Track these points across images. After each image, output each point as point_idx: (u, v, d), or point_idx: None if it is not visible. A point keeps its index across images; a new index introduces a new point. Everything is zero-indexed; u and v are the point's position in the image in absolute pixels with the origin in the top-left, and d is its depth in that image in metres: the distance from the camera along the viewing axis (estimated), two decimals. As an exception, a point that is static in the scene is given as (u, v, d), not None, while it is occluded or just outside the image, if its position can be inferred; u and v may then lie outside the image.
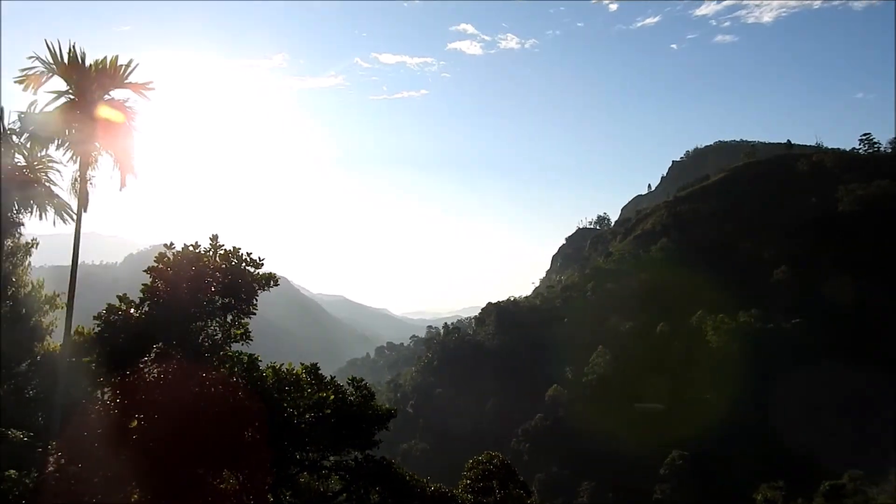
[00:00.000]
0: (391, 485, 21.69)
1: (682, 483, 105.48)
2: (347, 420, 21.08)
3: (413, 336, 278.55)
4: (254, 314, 20.72)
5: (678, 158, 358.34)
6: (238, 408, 18.50)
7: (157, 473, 17.14)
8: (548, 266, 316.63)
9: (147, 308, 19.57)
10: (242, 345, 21.12)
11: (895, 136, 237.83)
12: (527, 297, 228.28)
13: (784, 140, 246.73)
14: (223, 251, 20.25)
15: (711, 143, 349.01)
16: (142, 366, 19.60)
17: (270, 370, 21.01)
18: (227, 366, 19.97)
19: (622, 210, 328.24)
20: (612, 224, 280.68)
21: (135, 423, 18.33)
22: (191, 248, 20.05)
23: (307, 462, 21.34)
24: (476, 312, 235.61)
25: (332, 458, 21.80)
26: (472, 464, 28.88)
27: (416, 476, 22.85)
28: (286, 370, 21.25)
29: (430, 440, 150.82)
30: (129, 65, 20.57)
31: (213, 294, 20.01)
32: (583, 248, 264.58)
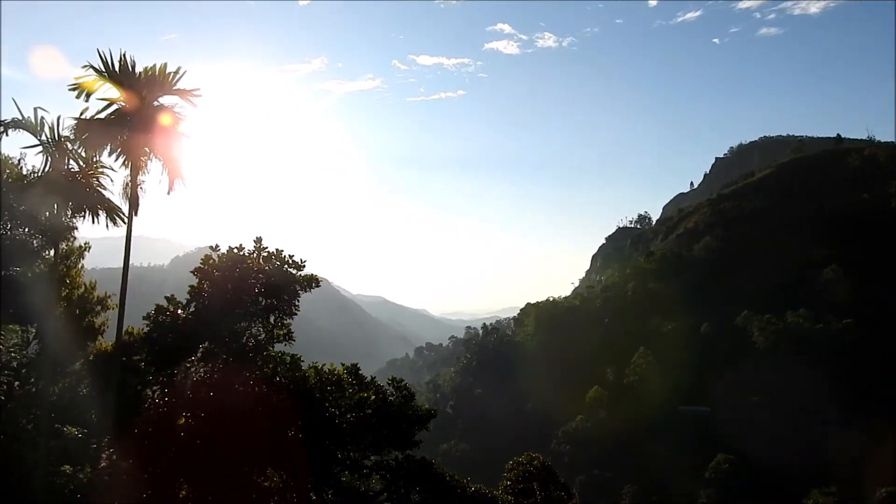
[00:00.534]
0: (431, 485, 21.72)
1: (729, 488, 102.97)
2: (388, 420, 21.18)
3: (452, 337, 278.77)
4: (296, 315, 21.01)
5: (721, 155, 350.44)
6: (281, 407, 18.79)
7: (204, 471, 17.54)
8: (587, 266, 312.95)
9: (193, 309, 20.05)
10: (285, 345, 21.42)
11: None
12: (566, 298, 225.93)
13: (833, 134, 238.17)
14: (266, 253, 20.63)
15: (756, 139, 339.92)
16: (188, 365, 20.09)
17: (312, 370, 21.21)
18: (271, 366, 20.28)
19: (664, 209, 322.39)
20: (654, 223, 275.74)
21: (182, 421, 18.80)
22: (235, 251, 20.48)
23: (349, 461, 21.48)
24: (514, 313, 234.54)
25: (373, 458, 21.91)
26: (513, 465, 28.71)
27: (457, 476, 22.83)
28: (328, 370, 21.44)
29: (470, 441, 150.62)
30: (177, 72, 21.13)
31: (257, 295, 20.36)
32: (623, 248, 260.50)
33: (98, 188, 22.41)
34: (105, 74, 20.21)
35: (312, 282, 21.11)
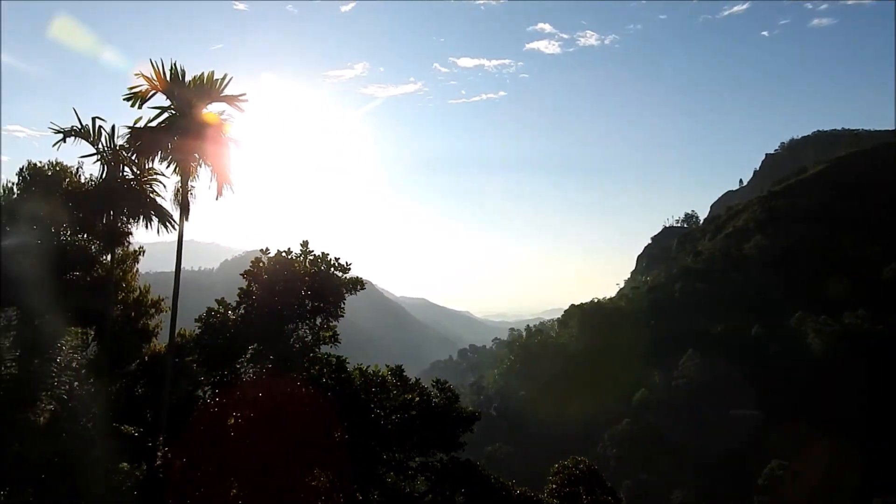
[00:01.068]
0: (476, 487, 21.67)
1: (784, 495, 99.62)
2: (433, 422, 21.24)
3: (495, 338, 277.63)
4: (341, 317, 21.29)
5: (772, 151, 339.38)
6: (327, 408, 19.05)
7: (254, 470, 17.92)
8: (632, 267, 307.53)
9: (243, 311, 20.52)
10: (331, 347, 21.71)
11: None
12: (611, 299, 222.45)
13: (891, 127, 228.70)
14: (312, 256, 20.98)
15: (809, 134, 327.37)
16: (238, 366, 20.58)
17: (357, 372, 21.42)
18: (317, 367, 20.57)
19: (711, 207, 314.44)
20: (701, 222, 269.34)
21: (232, 421, 19.25)
22: (283, 254, 20.90)
23: (394, 462, 21.63)
24: (558, 315, 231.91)
25: (418, 459, 22.00)
26: (558, 468, 28.42)
27: (502, 479, 22.73)
28: (372, 372, 21.64)
29: (514, 443, 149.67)
30: (224, 79, 21.71)
31: (303, 297, 20.71)
32: (669, 248, 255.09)
33: (151, 194, 23.17)
34: (157, 84, 20.94)
35: (358, 284, 21.35)
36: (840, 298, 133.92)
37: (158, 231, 22.87)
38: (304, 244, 21.15)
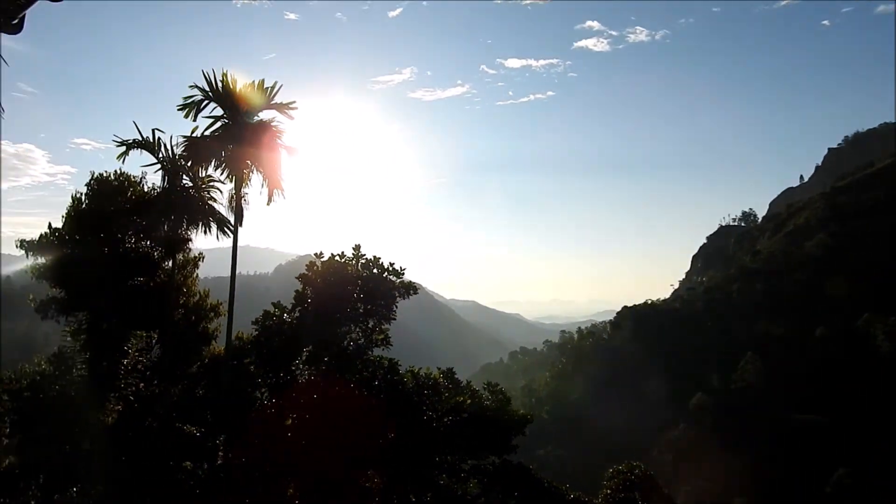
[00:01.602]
0: (529, 490, 21.55)
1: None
2: (485, 424, 21.22)
3: (546, 341, 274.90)
4: (393, 320, 21.52)
5: (835, 145, 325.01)
6: (380, 410, 19.28)
7: (310, 470, 18.28)
8: (687, 267, 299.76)
9: (298, 314, 21.00)
10: (383, 349, 21.96)
11: None
12: (665, 300, 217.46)
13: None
14: (364, 260, 21.31)
15: (875, 126, 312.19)
16: (294, 368, 21.04)
17: (409, 374, 21.57)
18: (370, 369, 20.83)
19: (770, 205, 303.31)
20: (760, 220, 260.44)
21: (289, 422, 19.69)
22: (336, 258, 21.30)
23: (446, 465, 21.70)
24: (610, 316, 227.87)
25: (470, 462, 22.02)
26: (612, 473, 27.94)
27: (555, 483, 22.52)
28: (424, 374, 21.78)
29: (567, 447, 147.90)
30: (274, 87, 22.27)
31: (356, 300, 21.04)
32: (726, 247, 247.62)
33: (210, 202, 23.95)
34: (209, 94, 21.67)
35: (410, 289, 21.57)
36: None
37: (217, 237, 23.61)
38: (357, 248, 21.50)
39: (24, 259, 21.48)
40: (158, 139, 22.97)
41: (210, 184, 24.15)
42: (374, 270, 21.37)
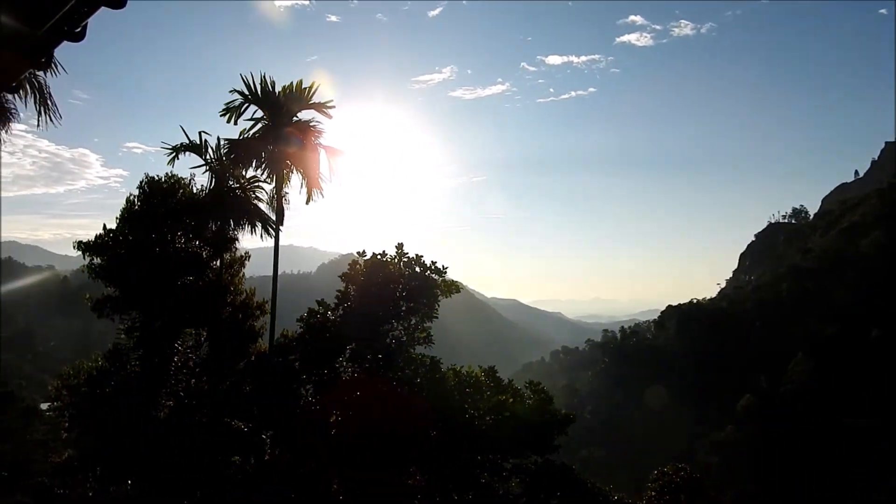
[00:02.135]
0: (572, 491, 21.35)
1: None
2: (527, 423, 21.12)
3: (588, 340, 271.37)
4: (436, 318, 21.57)
5: (893, 139, 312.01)
6: (422, 408, 19.36)
7: (354, 467, 18.49)
8: (734, 265, 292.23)
9: (342, 311, 21.26)
10: (425, 347, 22.04)
11: None
12: (711, 300, 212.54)
13: None
14: (406, 259, 21.44)
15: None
16: (337, 365, 21.31)
17: (451, 372, 21.58)
18: (412, 367, 20.93)
19: (823, 201, 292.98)
20: (811, 217, 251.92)
21: (333, 419, 19.96)
22: (379, 257, 21.49)
23: (488, 463, 21.69)
24: (654, 316, 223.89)
25: (512, 461, 21.94)
26: (657, 475, 27.46)
27: (598, 484, 22.26)
28: (466, 373, 21.78)
29: (610, 448, 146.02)
30: (312, 87, 22.61)
31: (398, 299, 21.18)
32: (776, 245, 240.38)
33: (255, 202, 24.47)
34: (249, 97, 22.15)
35: (453, 287, 21.61)
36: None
37: (262, 236, 24.11)
38: (399, 246, 21.64)
39: (81, 259, 22.29)
40: (205, 141, 23.63)
41: (255, 184, 24.67)
42: (417, 269, 21.47)
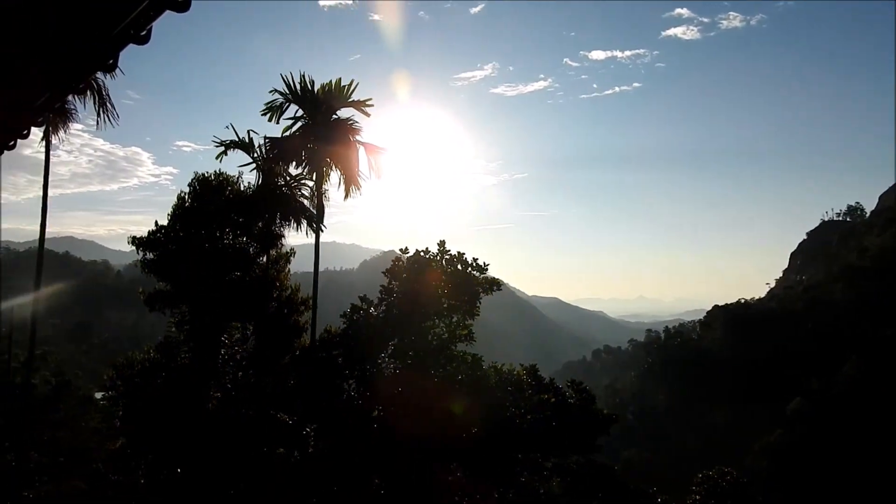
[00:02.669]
0: (614, 492, 21.15)
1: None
2: (568, 423, 20.98)
3: (631, 340, 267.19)
4: (477, 315, 21.61)
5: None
6: (464, 405, 19.41)
7: (395, 462, 18.67)
8: (784, 265, 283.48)
9: (384, 308, 21.48)
10: (466, 345, 22.09)
11: None
12: (760, 300, 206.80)
13: None
14: (448, 256, 21.53)
15: None
16: (380, 360, 21.53)
17: (492, 370, 21.57)
18: (454, 364, 21.00)
19: (880, 198, 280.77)
20: (868, 215, 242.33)
21: (375, 414, 20.19)
22: (421, 254, 21.64)
23: (528, 463, 21.62)
24: (699, 316, 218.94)
25: (553, 461, 21.83)
26: (702, 478, 26.96)
27: (640, 486, 21.98)
28: (507, 370, 21.75)
29: (653, 450, 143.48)
30: (351, 85, 22.89)
31: (440, 296, 21.29)
32: (829, 244, 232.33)
33: (300, 199, 24.89)
34: (289, 96, 22.55)
35: (494, 284, 21.61)
36: None
37: (307, 233, 24.51)
38: (441, 244, 21.74)
39: (134, 254, 23.04)
40: (252, 140, 24.16)
41: (300, 181, 25.07)
42: (458, 266, 21.54)
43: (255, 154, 24.19)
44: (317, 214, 23.56)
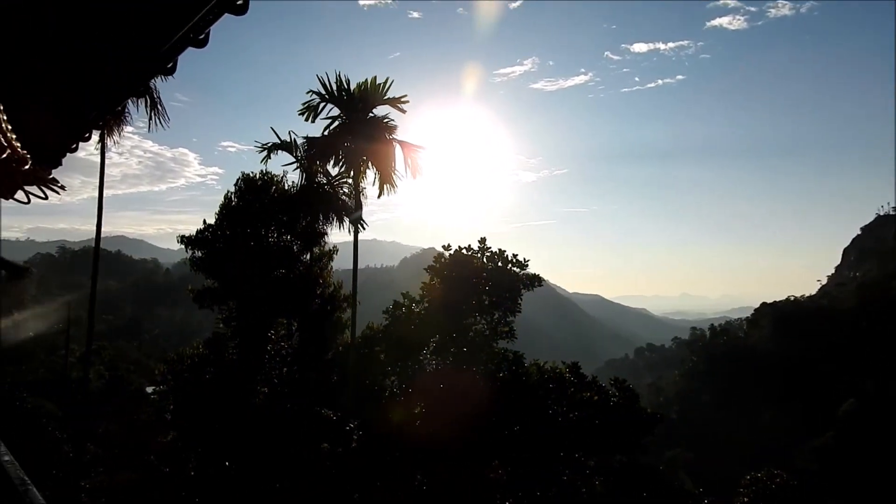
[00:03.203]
0: (659, 492, 20.83)
1: None
2: (611, 422, 20.77)
3: (675, 338, 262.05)
4: (519, 312, 21.55)
5: None
6: (506, 403, 19.38)
7: (437, 458, 18.75)
8: (837, 261, 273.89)
9: (426, 304, 21.60)
10: (507, 342, 22.05)
11: None
12: (810, 297, 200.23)
13: None
14: (489, 253, 21.51)
15: None
16: (421, 357, 21.67)
17: (534, 367, 21.51)
18: (495, 361, 21.00)
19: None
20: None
21: (417, 410, 20.31)
22: (462, 251, 21.69)
23: (571, 461, 21.47)
24: (746, 313, 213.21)
25: (596, 460, 21.63)
26: (750, 480, 26.33)
27: (686, 487, 21.59)
28: (549, 368, 21.63)
29: (698, 450, 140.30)
30: (386, 83, 23.01)
31: (481, 293, 21.30)
32: (885, 239, 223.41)
33: (342, 198, 25.19)
34: (325, 96, 22.81)
35: (535, 281, 21.50)
36: None
37: (349, 230, 24.81)
38: (482, 241, 21.74)
39: (182, 253, 23.70)
40: (294, 140, 24.57)
41: (342, 180, 25.37)
42: (499, 263, 21.51)
43: (298, 154, 24.61)
44: (354, 212, 23.82)
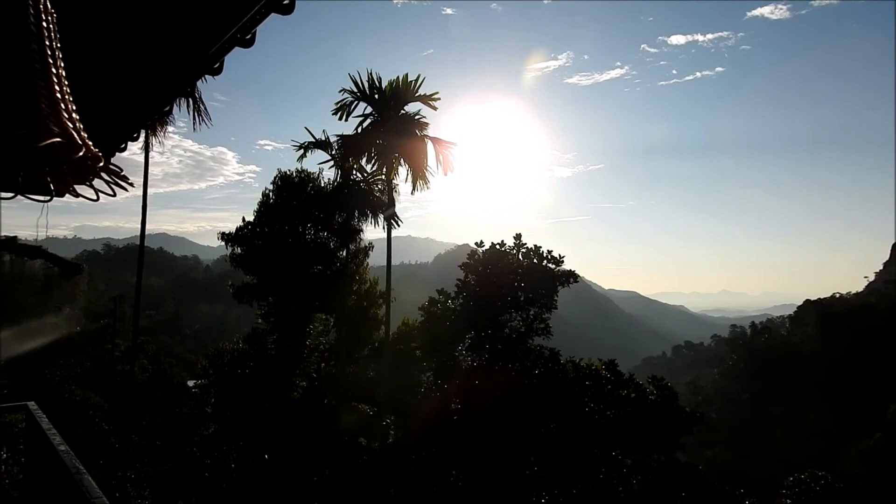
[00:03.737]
0: (698, 492, 20.46)
1: None
2: (649, 420, 20.49)
3: (714, 335, 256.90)
4: (554, 309, 21.41)
5: None
6: (541, 400, 19.30)
7: (473, 454, 18.78)
8: (886, 257, 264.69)
9: (461, 301, 21.64)
10: (543, 339, 21.93)
11: None
12: (857, 294, 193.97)
13: None
14: (524, 249, 21.43)
15: None
16: (456, 353, 21.72)
17: (570, 364, 21.34)
18: (531, 358, 20.91)
19: None
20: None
21: (452, 406, 20.37)
22: (497, 247, 21.66)
23: (608, 459, 21.25)
24: (788, 311, 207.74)
25: (633, 458, 21.36)
26: (793, 482, 25.76)
27: (726, 486, 21.18)
28: (585, 365, 21.44)
29: (738, 450, 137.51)
30: (417, 80, 23.12)
31: (517, 289, 21.23)
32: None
33: (377, 194, 25.39)
34: (357, 94, 23.01)
35: (570, 277, 21.34)
36: None
37: (384, 227, 25.00)
38: (517, 237, 21.68)
39: (221, 249, 24.20)
40: (329, 138, 24.85)
41: (377, 178, 25.56)
42: (534, 259, 21.40)
43: (333, 151, 24.87)
44: (387, 209, 23.98)
